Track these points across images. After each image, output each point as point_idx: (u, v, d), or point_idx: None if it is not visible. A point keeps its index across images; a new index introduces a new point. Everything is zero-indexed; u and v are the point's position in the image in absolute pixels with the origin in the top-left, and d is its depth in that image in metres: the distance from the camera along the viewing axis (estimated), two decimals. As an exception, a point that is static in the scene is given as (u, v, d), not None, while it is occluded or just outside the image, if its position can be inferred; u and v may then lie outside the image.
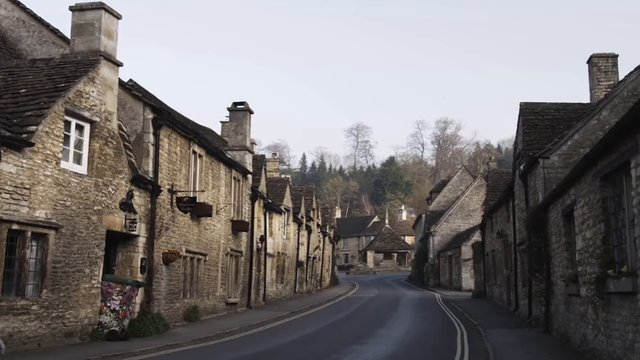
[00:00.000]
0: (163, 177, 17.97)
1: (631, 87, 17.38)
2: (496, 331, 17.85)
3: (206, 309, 21.52)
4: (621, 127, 8.89)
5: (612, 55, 20.92)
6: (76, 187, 13.91)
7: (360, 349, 14.81)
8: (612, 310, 10.26)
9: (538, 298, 18.06)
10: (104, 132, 14.89)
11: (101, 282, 14.96)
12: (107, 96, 15.12)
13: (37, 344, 12.64)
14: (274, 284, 33.06)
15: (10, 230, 12.07)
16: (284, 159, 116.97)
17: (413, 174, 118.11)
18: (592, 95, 20.93)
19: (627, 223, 9.53)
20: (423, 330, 19.68)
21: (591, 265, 11.44)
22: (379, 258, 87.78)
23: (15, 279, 12.40)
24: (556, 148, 17.65)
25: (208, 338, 16.21)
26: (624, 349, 9.59)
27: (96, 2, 15.36)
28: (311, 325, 20.90)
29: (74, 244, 13.87)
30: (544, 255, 16.93)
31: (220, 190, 23.22)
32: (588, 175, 11.46)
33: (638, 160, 8.59)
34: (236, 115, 26.97)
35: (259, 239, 28.73)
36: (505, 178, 33.01)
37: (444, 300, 35.26)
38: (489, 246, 32.99)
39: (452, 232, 53.49)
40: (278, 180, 38.89)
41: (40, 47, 18.81)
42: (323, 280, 51.40)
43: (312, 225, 44.97)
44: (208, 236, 21.78)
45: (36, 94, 13.56)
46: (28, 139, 12.32)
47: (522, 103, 21.16)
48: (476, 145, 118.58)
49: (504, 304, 27.68)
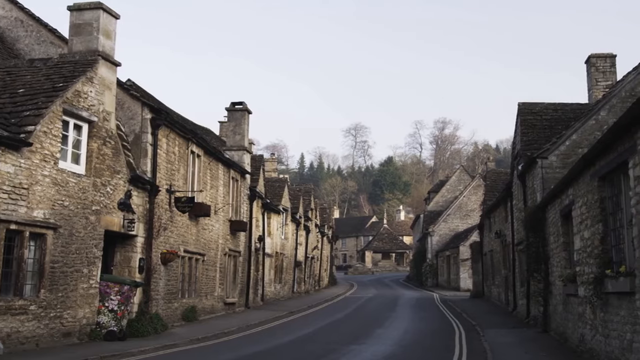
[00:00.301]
0: (161, 177, 17.96)
1: (629, 87, 17.39)
2: (494, 331, 17.86)
3: (204, 309, 21.51)
4: (619, 127, 8.90)
5: (610, 55, 20.95)
6: (74, 187, 13.89)
7: (359, 349, 14.81)
8: (610, 310, 10.27)
9: (536, 298, 18.08)
10: (102, 132, 14.88)
11: (99, 282, 14.94)
12: (106, 96, 15.11)
13: (35, 344, 12.62)
14: (272, 284, 33.06)
15: (8, 230, 12.05)
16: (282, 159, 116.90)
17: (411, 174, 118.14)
18: (590, 96, 20.95)
19: (625, 223, 9.54)
20: (421, 331, 19.69)
21: (589, 265, 11.45)
22: (377, 258, 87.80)
23: (13, 279, 12.38)
24: (554, 148, 17.66)
25: (206, 338, 16.20)
26: (622, 349, 9.60)
27: (94, 2, 15.35)
28: (309, 325, 20.90)
29: (72, 244, 13.86)
30: (542, 255, 16.94)
31: (219, 190, 23.21)
32: (586, 175, 11.47)
33: (636, 161, 8.60)
34: (234, 115, 26.97)
35: (257, 239, 28.74)
36: (504, 178, 33.04)
37: (442, 300, 35.27)
38: (487, 246, 33.02)
39: (451, 232, 53.52)
40: (276, 180, 38.88)
41: (39, 46, 18.79)
42: (321, 280, 51.41)
43: (311, 225, 44.98)
44: (206, 236, 21.78)
45: (34, 94, 13.55)
46: (26, 139, 12.30)
47: (521, 103, 21.18)
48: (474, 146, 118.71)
49: (502, 304, 27.71)
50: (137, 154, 16.98)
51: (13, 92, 13.83)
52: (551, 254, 16.19)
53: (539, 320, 18.00)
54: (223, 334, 17.23)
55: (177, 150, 19.28)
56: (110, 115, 15.29)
